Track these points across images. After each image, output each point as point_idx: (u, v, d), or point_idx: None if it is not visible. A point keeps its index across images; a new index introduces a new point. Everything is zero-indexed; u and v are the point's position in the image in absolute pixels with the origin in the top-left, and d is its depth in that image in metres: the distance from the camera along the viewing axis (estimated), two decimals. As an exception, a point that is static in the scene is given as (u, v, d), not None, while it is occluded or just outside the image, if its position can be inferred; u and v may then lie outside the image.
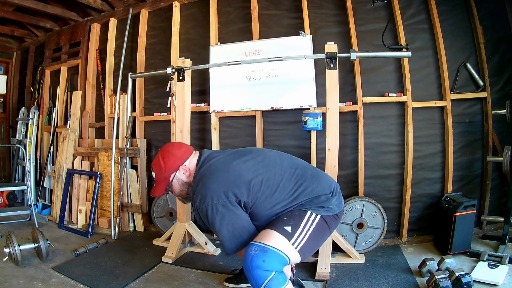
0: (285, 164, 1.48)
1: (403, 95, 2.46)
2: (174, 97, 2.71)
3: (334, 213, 1.40)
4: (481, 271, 1.91)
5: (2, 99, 4.39)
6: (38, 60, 4.09)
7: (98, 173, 3.05)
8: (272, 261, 1.23)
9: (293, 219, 1.32)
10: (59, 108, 3.63)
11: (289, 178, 1.42)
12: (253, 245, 1.26)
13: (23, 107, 4.10)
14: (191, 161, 1.49)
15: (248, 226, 1.37)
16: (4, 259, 2.23)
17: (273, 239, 1.27)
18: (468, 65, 2.45)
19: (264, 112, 2.68)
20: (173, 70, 2.55)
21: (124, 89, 3.11)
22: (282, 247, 1.26)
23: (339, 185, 1.55)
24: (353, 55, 2.16)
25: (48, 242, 2.29)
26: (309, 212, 1.33)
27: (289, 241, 1.27)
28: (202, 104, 2.84)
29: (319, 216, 1.34)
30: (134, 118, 3.11)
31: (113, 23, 3.34)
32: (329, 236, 2.17)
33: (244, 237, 1.35)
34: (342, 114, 2.42)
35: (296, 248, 1.28)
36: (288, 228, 1.29)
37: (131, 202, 3.00)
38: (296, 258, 1.32)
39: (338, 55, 2.19)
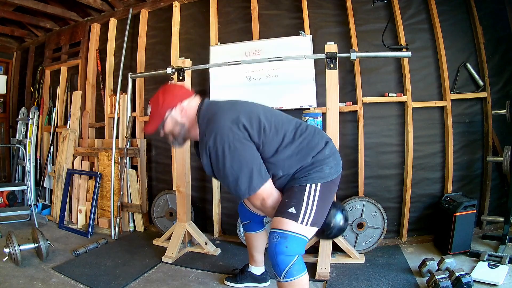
0: (290, 118, 1.49)
1: (403, 95, 2.46)
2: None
3: (332, 178, 1.40)
4: (481, 271, 1.91)
5: (2, 99, 4.39)
6: (38, 60, 4.09)
7: (98, 173, 3.05)
8: (294, 245, 1.30)
9: (294, 198, 1.33)
10: (59, 108, 3.63)
11: (293, 130, 1.42)
12: (274, 233, 1.31)
13: (23, 107, 4.10)
14: (190, 103, 1.45)
15: (262, 163, 1.34)
16: (4, 259, 2.23)
17: (286, 224, 1.30)
18: (468, 65, 2.45)
19: (264, 112, 2.68)
20: (173, 70, 2.55)
21: (124, 89, 3.11)
22: (297, 229, 1.30)
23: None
24: (353, 55, 2.16)
25: (48, 242, 2.29)
26: (308, 185, 1.34)
27: (297, 221, 1.30)
28: (202, 104, 2.84)
29: (319, 185, 1.35)
30: (134, 118, 3.11)
31: (113, 23, 3.34)
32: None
33: (262, 173, 1.31)
34: (342, 114, 2.42)
35: (306, 225, 1.31)
36: (292, 209, 1.31)
37: (131, 202, 3.00)
38: (312, 231, 1.36)
39: (338, 55, 2.19)
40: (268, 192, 1.36)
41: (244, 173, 1.29)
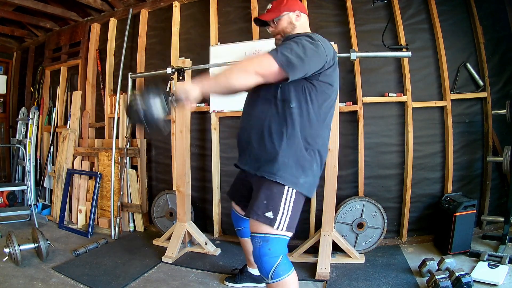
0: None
1: (403, 95, 2.46)
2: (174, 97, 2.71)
3: (304, 194, 1.40)
4: (481, 271, 1.91)
5: (2, 99, 4.39)
6: (38, 60, 4.09)
7: (98, 173, 3.05)
8: (276, 246, 1.32)
9: (272, 201, 1.33)
10: (59, 108, 3.63)
11: (331, 117, 1.48)
12: (255, 238, 1.34)
13: (23, 107, 4.10)
14: (306, 20, 1.53)
15: (305, 67, 1.28)
16: (4, 259, 2.23)
17: (265, 228, 1.32)
18: (468, 65, 2.45)
19: (264, 112, 2.68)
20: (173, 70, 2.54)
21: (124, 89, 3.11)
22: (275, 231, 1.32)
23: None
24: (353, 55, 2.16)
25: (48, 242, 2.29)
26: (286, 188, 1.34)
27: (273, 227, 1.32)
28: (202, 104, 2.84)
29: (295, 192, 1.35)
30: (134, 118, 3.10)
31: (113, 23, 3.34)
32: (330, 237, 2.19)
33: (298, 62, 1.24)
34: (342, 114, 2.42)
35: (282, 229, 1.33)
36: (270, 214, 1.32)
37: (131, 202, 3.00)
38: (289, 235, 1.37)
39: (338, 55, 2.17)
40: (269, 66, 1.23)
41: (296, 52, 1.24)
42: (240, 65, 1.27)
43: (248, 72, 1.23)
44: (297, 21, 1.48)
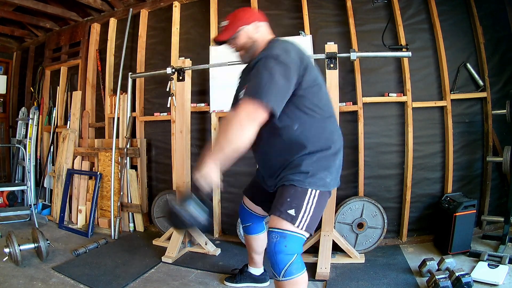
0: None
1: (403, 95, 2.46)
2: (174, 97, 2.71)
3: (330, 190, 1.41)
4: (481, 271, 1.91)
5: (2, 99, 4.38)
6: (38, 60, 4.09)
7: (98, 173, 3.05)
8: (293, 244, 1.31)
9: (296, 199, 1.33)
10: (59, 108, 3.63)
11: (331, 119, 1.45)
12: (273, 232, 1.32)
13: (23, 107, 4.10)
14: (266, 28, 1.52)
15: (284, 92, 1.28)
16: (4, 259, 2.23)
17: (285, 224, 1.31)
18: (468, 65, 2.45)
19: (264, 112, 2.68)
20: (173, 70, 2.55)
21: (124, 89, 3.11)
22: (294, 229, 1.31)
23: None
24: (353, 55, 2.17)
25: (48, 242, 2.29)
26: (309, 190, 1.34)
27: (294, 224, 1.31)
28: (202, 104, 2.84)
29: (318, 192, 1.36)
30: (134, 118, 3.11)
31: (113, 23, 3.34)
32: (330, 237, 2.19)
33: (277, 99, 1.24)
34: (342, 114, 2.42)
35: (302, 228, 1.32)
36: (292, 211, 1.32)
37: (131, 202, 3.00)
38: (307, 235, 1.36)
39: (338, 55, 2.19)
40: (260, 115, 1.22)
41: (271, 85, 1.23)
42: (233, 126, 1.22)
43: (244, 128, 1.21)
44: (257, 32, 1.47)
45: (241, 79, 1.64)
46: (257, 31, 1.47)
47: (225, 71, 2.67)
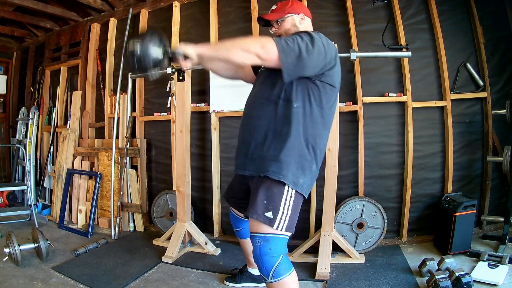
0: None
1: (403, 95, 2.46)
2: (174, 97, 2.71)
3: (303, 193, 1.41)
4: (481, 271, 1.91)
5: (2, 99, 4.38)
6: (38, 60, 4.09)
7: (98, 173, 3.05)
8: (277, 246, 1.32)
9: (273, 201, 1.33)
10: (59, 108, 3.63)
11: (328, 129, 1.48)
12: (255, 237, 1.34)
13: (23, 107, 4.10)
14: (310, 24, 1.55)
15: (305, 62, 1.28)
16: (4, 259, 2.23)
17: (265, 228, 1.32)
18: (468, 65, 2.45)
19: (264, 112, 2.68)
20: (173, 70, 2.54)
21: (124, 89, 3.11)
22: (275, 231, 1.33)
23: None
24: (353, 55, 2.16)
25: (48, 242, 2.29)
26: (286, 187, 1.34)
27: (273, 227, 1.32)
28: (202, 104, 2.84)
29: (294, 192, 1.36)
30: (134, 118, 3.11)
31: (113, 23, 3.34)
32: (330, 237, 2.19)
33: (298, 57, 1.26)
34: (342, 114, 2.42)
35: (281, 230, 1.33)
36: (269, 214, 1.32)
37: (131, 202, 3.00)
38: (288, 234, 1.38)
39: (338, 55, 2.18)
40: (268, 49, 1.24)
41: (297, 46, 1.26)
42: (243, 42, 1.26)
43: (249, 51, 1.24)
44: (301, 23, 1.50)
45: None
46: (302, 22, 1.50)
47: (225, 71, 2.67)
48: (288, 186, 1.34)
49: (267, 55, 1.24)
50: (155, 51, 1.25)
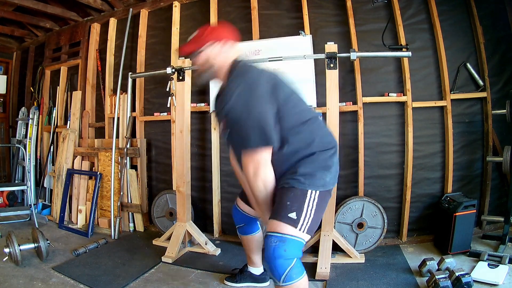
0: (309, 107, 1.52)
1: (403, 95, 2.46)
2: (174, 97, 2.71)
3: (330, 188, 1.41)
4: (481, 271, 1.91)
5: (2, 99, 4.38)
6: (38, 60, 4.09)
7: (98, 173, 3.05)
8: (292, 248, 1.28)
9: (296, 202, 1.32)
10: (59, 108, 3.63)
11: (313, 120, 1.45)
12: (272, 237, 1.30)
13: (23, 107, 4.10)
14: (231, 48, 1.47)
15: (272, 124, 1.31)
16: (4, 259, 2.23)
17: (285, 228, 1.29)
18: (468, 65, 2.45)
19: (264, 112, 2.68)
20: (173, 70, 2.55)
21: (124, 89, 3.11)
22: (295, 233, 1.30)
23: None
24: (353, 55, 2.17)
25: (48, 242, 2.29)
26: (309, 191, 1.34)
27: (296, 227, 1.30)
28: (202, 104, 2.84)
29: (318, 192, 1.35)
30: (134, 118, 3.11)
31: (113, 23, 3.34)
32: (330, 237, 2.19)
33: (272, 136, 1.30)
34: (342, 114, 2.42)
35: (304, 231, 1.31)
36: (293, 215, 1.30)
37: (131, 202, 3.00)
38: (307, 238, 1.35)
39: (338, 55, 2.19)
40: (267, 160, 1.33)
41: (259, 125, 1.28)
42: (254, 182, 1.36)
43: (263, 177, 1.34)
44: (220, 54, 1.44)
45: (217, 111, 1.60)
46: (220, 52, 1.44)
47: (225, 71, 2.67)
48: (311, 191, 1.34)
49: (266, 160, 1.33)
50: None
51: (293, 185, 1.34)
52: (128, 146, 3.01)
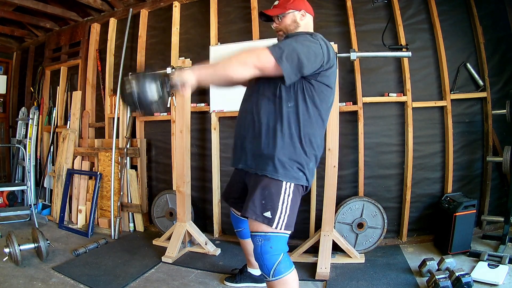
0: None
1: (403, 95, 2.46)
2: (174, 97, 2.71)
3: (304, 184, 1.41)
4: (481, 271, 1.91)
5: (2, 99, 4.38)
6: (38, 60, 4.09)
7: (98, 173, 3.05)
8: (278, 244, 1.34)
9: (270, 200, 1.34)
10: (59, 108, 3.63)
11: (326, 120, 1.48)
12: (256, 236, 1.35)
13: (23, 107, 4.10)
14: (311, 21, 1.54)
15: (302, 65, 1.29)
16: (4, 259, 2.23)
17: (265, 227, 1.33)
18: (468, 65, 2.45)
19: (264, 112, 2.68)
20: (173, 70, 2.55)
21: (124, 89, 3.11)
22: (274, 230, 1.33)
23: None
24: (353, 55, 2.17)
25: (48, 242, 2.29)
26: (284, 185, 1.35)
27: (271, 226, 1.32)
28: (202, 104, 2.84)
29: (293, 185, 1.36)
30: (134, 118, 3.11)
31: (113, 23, 3.34)
32: (330, 237, 2.19)
33: (295, 61, 1.27)
34: (342, 114, 2.42)
35: (281, 229, 1.34)
36: (268, 214, 1.33)
37: (131, 202, 3.00)
38: (288, 233, 1.38)
39: (338, 55, 2.18)
40: (265, 59, 1.26)
41: (293, 50, 1.27)
42: (239, 57, 1.28)
43: (246, 64, 1.26)
44: (301, 20, 1.49)
45: None
46: (303, 19, 1.50)
47: (225, 71, 2.67)
48: (286, 182, 1.35)
49: (264, 65, 1.26)
50: (153, 89, 1.25)
51: (267, 173, 1.34)
52: (128, 146, 3.01)
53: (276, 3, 1.54)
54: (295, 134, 1.36)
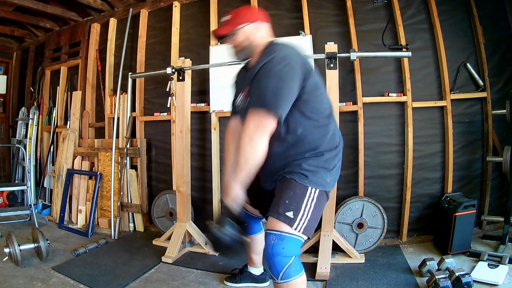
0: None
1: (403, 95, 2.46)
2: (174, 97, 2.71)
3: (329, 190, 1.41)
4: (481, 271, 1.91)
5: (2, 99, 4.39)
6: (38, 60, 4.09)
7: (98, 173, 3.05)
8: (291, 246, 1.29)
9: (295, 201, 1.32)
10: (59, 108, 3.63)
11: (331, 116, 1.46)
12: (270, 235, 1.31)
13: (23, 107, 4.10)
14: (267, 29, 1.49)
15: (292, 96, 1.30)
16: (4, 259, 2.23)
17: (283, 226, 1.30)
18: (468, 65, 2.45)
19: (264, 112, 2.68)
20: (173, 70, 2.55)
21: (124, 89, 3.11)
22: (292, 231, 1.30)
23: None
24: (353, 55, 2.17)
25: (48, 242, 2.29)
26: (309, 188, 1.34)
27: (292, 227, 1.30)
28: (202, 104, 2.84)
29: (318, 191, 1.35)
30: (134, 118, 3.11)
31: (113, 23, 3.34)
32: (330, 237, 2.19)
33: (285, 105, 1.28)
34: (342, 114, 2.42)
35: (300, 231, 1.31)
36: (290, 214, 1.31)
37: (131, 202, 3.00)
38: (304, 238, 1.36)
39: (338, 55, 2.19)
40: (269, 128, 1.27)
41: (281, 86, 1.26)
42: (245, 143, 1.27)
43: (259, 140, 1.26)
44: (256, 33, 1.45)
45: (237, 82, 1.63)
46: (257, 31, 1.45)
47: (225, 71, 2.67)
48: (311, 188, 1.34)
49: (271, 126, 1.26)
50: (234, 232, 1.33)
51: (294, 178, 1.34)
52: (128, 146, 3.00)
53: (227, 18, 1.49)
54: (314, 148, 1.36)
